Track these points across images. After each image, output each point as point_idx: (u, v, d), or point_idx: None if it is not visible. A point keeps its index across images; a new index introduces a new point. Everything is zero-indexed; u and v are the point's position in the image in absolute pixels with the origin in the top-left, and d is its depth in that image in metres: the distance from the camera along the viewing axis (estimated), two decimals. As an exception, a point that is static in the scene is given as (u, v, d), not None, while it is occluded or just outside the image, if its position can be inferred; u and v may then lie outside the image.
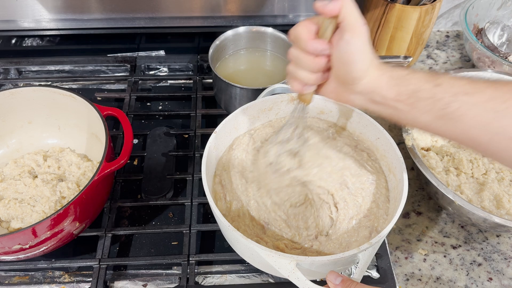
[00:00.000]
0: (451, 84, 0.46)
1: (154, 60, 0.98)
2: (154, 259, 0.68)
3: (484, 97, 0.44)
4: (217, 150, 0.67)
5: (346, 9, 0.47)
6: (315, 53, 0.50)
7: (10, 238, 0.56)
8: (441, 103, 0.46)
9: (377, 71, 0.50)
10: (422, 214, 0.76)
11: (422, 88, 0.47)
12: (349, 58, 0.49)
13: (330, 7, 0.46)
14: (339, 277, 0.49)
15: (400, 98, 0.49)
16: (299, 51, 0.51)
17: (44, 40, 0.97)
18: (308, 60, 0.51)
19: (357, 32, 0.47)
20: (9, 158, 0.76)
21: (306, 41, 0.49)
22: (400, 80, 0.49)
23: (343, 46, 0.48)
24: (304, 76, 0.52)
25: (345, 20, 0.47)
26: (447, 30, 1.10)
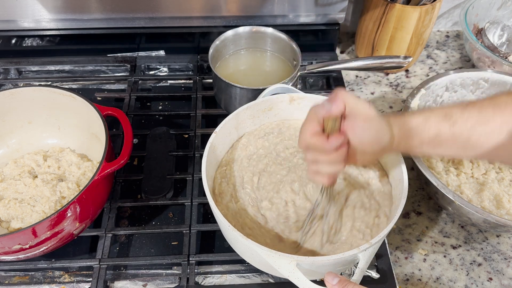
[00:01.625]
0: (465, 119, 0.51)
1: (154, 60, 0.98)
2: (154, 259, 0.68)
3: (496, 124, 0.50)
4: (217, 150, 0.67)
5: (349, 104, 0.49)
6: (336, 149, 0.51)
7: (10, 238, 0.56)
8: (462, 138, 0.51)
9: (396, 127, 0.53)
10: (422, 214, 0.76)
11: (441, 131, 0.51)
12: (373, 139, 0.51)
13: (335, 109, 0.48)
14: (336, 278, 0.49)
15: (424, 144, 0.53)
16: (317, 154, 0.52)
17: (44, 40, 0.97)
18: (330, 157, 0.52)
19: (369, 117, 0.50)
20: (9, 158, 0.76)
21: (323, 146, 0.50)
22: (419, 129, 0.52)
23: (364, 133, 0.50)
24: (332, 170, 0.54)
25: (352, 111, 0.49)
26: (447, 30, 1.10)
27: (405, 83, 0.98)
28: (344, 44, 1.07)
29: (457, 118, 0.51)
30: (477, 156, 0.53)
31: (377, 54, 0.95)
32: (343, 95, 0.48)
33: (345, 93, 0.49)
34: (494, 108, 0.50)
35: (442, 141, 0.52)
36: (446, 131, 0.51)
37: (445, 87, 0.80)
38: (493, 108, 0.50)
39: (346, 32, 1.09)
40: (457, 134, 0.51)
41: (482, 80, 0.80)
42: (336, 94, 0.49)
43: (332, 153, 0.51)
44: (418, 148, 0.54)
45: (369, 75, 1.00)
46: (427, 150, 0.54)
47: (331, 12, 0.94)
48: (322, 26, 0.97)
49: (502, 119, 0.49)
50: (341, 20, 0.96)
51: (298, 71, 0.82)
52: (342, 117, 0.50)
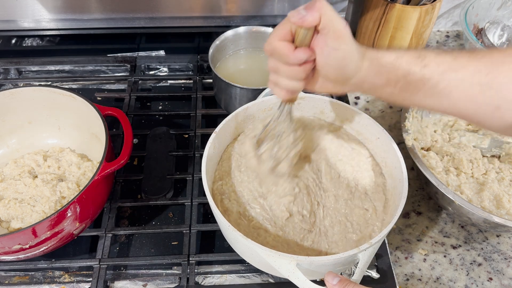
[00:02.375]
0: (437, 62, 0.47)
1: (154, 60, 0.98)
2: (154, 259, 0.68)
3: (469, 72, 0.46)
4: (217, 150, 0.67)
5: (326, 16, 0.45)
6: (300, 63, 0.48)
7: (10, 238, 0.56)
8: (430, 83, 0.47)
9: (366, 61, 0.49)
10: (422, 214, 0.76)
11: (411, 71, 0.48)
12: (340, 63, 0.48)
13: (309, 18, 0.44)
14: (336, 278, 0.49)
15: (390, 83, 0.49)
16: (280, 64, 0.49)
17: (44, 40, 0.97)
18: (292, 70, 0.49)
19: (342, 37, 0.46)
20: (9, 158, 0.76)
21: (288, 55, 0.47)
22: (389, 66, 0.49)
23: (332, 53, 0.47)
24: (290, 85, 0.51)
25: (327, 27, 0.45)
26: (447, 30, 1.10)
27: (405, 83, 0.98)
28: (344, 44, 1.07)
29: (430, 61, 0.47)
30: (442, 107, 0.49)
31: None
32: (321, 5, 0.44)
33: (325, 4, 0.45)
34: (469, 56, 0.47)
35: (409, 82, 0.48)
36: (416, 72, 0.48)
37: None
38: (468, 57, 0.47)
39: (346, 32, 1.09)
40: (427, 77, 0.47)
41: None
42: (315, 3, 0.45)
43: (294, 66, 0.48)
44: (383, 88, 0.50)
45: (369, 75, 1.00)
46: (391, 91, 0.50)
47: (331, 12, 0.94)
48: (322, 26, 0.96)
49: (476, 68, 0.46)
50: (341, 20, 0.96)
51: (298, 71, 0.82)
52: (315, 31, 0.46)
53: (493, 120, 0.47)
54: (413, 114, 0.76)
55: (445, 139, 0.80)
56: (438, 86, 0.47)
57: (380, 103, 0.94)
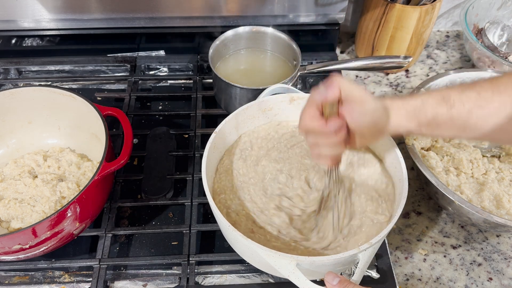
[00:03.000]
0: (462, 102, 0.50)
1: (154, 60, 0.98)
2: (154, 259, 0.68)
3: (495, 106, 0.49)
4: (217, 150, 0.67)
5: (344, 88, 0.50)
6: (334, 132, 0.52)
7: (10, 238, 0.56)
8: (460, 121, 0.51)
9: (394, 111, 0.53)
10: (422, 214, 0.76)
11: (439, 114, 0.51)
12: (370, 122, 0.52)
13: (330, 94, 0.49)
14: (336, 278, 0.49)
15: (422, 126, 0.53)
16: (317, 137, 0.54)
17: (44, 40, 0.97)
18: (331, 140, 0.53)
19: (364, 101, 0.51)
20: (9, 158, 0.76)
21: (322, 129, 0.52)
22: (417, 111, 0.53)
23: (360, 116, 0.51)
24: (332, 152, 0.55)
25: (348, 95, 0.50)
26: (447, 30, 1.10)
27: (405, 83, 0.98)
28: (344, 44, 1.07)
29: (455, 101, 0.51)
30: (476, 138, 0.53)
31: (377, 54, 0.95)
32: (338, 81, 0.50)
33: (340, 78, 0.50)
34: (493, 90, 0.49)
35: (440, 124, 0.52)
36: (443, 114, 0.51)
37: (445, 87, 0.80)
38: (492, 91, 0.49)
39: (346, 32, 1.09)
40: (455, 117, 0.51)
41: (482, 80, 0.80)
42: (331, 79, 0.50)
43: (331, 136, 0.53)
44: (417, 130, 0.54)
45: (369, 75, 1.00)
46: (426, 132, 0.54)
47: (331, 12, 0.94)
48: (322, 26, 0.97)
49: (501, 102, 0.49)
50: (341, 20, 0.96)
51: (298, 71, 0.82)
52: (339, 102, 0.51)
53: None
54: (413, 114, 0.76)
55: (445, 139, 0.80)
56: (468, 123, 0.51)
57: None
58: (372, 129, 0.53)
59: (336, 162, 0.58)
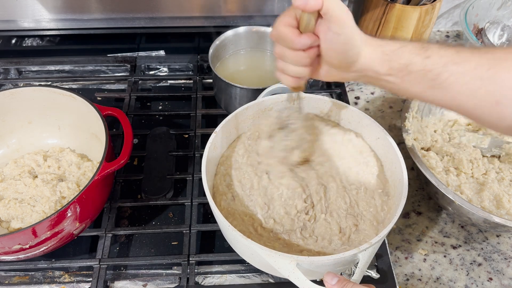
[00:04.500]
0: (440, 55, 0.48)
1: (154, 60, 0.98)
2: (154, 259, 0.68)
3: (471, 65, 0.46)
4: (217, 150, 0.67)
5: (328, 1, 0.46)
6: (304, 48, 0.49)
7: (10, 238, 0.56)
8: (432, 74, 0.48)
9: (369, 48, 0.50)
10: (422, 214, 0.76)
11: (413, 61, 0.49)
12: (342, 48, 0.49)
13: (312, 2, 0.45)
14: (335, 278, 0.49)
15: (392, 72, 0.50)
16: (286, 49, 0.50)
17: (44, 40, 0.97)
18: (298, 56, 0.50)
19: (344, 21, 0.47)
20: (9, 158, 0.76)
21: (293, 40, 0.49)
22: (392, 54, 0.50)
23: (334, 38, 0.48)
24: (297, 71, 0.52)
25: (329, 11, 0.46)
26: (447, 30, 1.10)
27: (405, 83, 0.98)
28: (344, 44, 1.07)
29: (433, 53, 0.48)
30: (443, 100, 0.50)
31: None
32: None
33: None
34: (472, 51, 0.47)
35: (411, 72, 0.49)
36: (418, 62, 0.48)
37: None
38: (471, 51, 0.47)
39: (346, 32, 1.09)
40: (428, 68, 0.48)
41: (482, 80, 0.80)
42: None
43: (299, 51, 0.50)
44: (386, 76, 0.51)
45: (369, 75, 1.00)
46: (394, 80, 0.51)
47: (331, 12, 0.94)
48: (322, 26, 0.96)
49: (478, 62, 0.46)
50: (341, 20, 0.96)
51: (298, 71, 0.82)
52: (318, 17, 0.48)
53: (492, 116, 0.47)
54: (413, 114, 0.76)
55: (445, 139, 0.80)
56: (439, 78, 0.48)
57: (380, 103, 0.94)
58: (341, 57, 0.50)
59: (298, 86, 0.55)
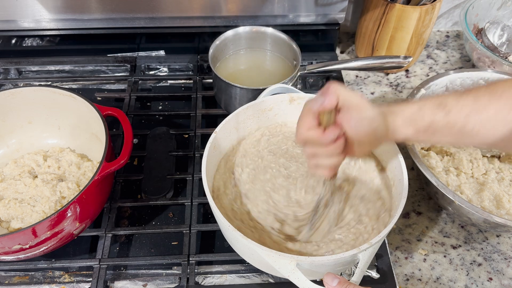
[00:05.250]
0: (459, 107, 0.50)
1: (154, 60, 0.98)
2: (154, 259, 0.68)
3: (492, 112, 0.49)
4: (217, 150, 0.67)
5: (342, 95, 0.49)
6: (333, 142, 0.51)
7: (10, 238, 0.56)
8: (457, 127, 0.50)
9: (391, 117, 0.53)
10: (422, 214, 0.76)
11: (435, 120, 0.51)
12: (369, 129, 0.51)
13: (328, 102, 0.49)
14: (336, 279, 0.49)
15: (419, 133, 0.53)
16: (315, 147, 0.53)
17: (44, 40, 0.97)
18: (328, 149, 0.53)
19: (363, 107, 0.50)
20: (9, 158, 0.76)
21: (320, 139, 0.51)
22: (414, 118, 0.52)
23: (358, 123, 0.51)
24: (331, 162, 0.55)
25: (346, 103, 0.50)
26: (447, 30, 1.10)
27: (405, 83, 0.98)
28: (344, 44, 1.07)
29: (452, 107, 0.50)
30: (475, 144, 0.52)
31: (377, 54, 0.95)
32: (335, 88, 0.49)
33: (337, 85, 0.49)
34: (490, 96, 0.49)
35: (437, 130, 0.51)
36: (440, 120, 0.51)
37: (445, 87, 0.80)
38: (488, 96, 0.49)
39: (346, 32, 1.09)
40: (452, 123, 0.50)
41: (482, 80, 0.80)
42: (328, 87, 0.49)
43: (329, 146, 0.52)
44: (414, 136, 0.54)
45: (369, 75, 1.00)
46: (423, 138, 0.54)
47: (331, 12, 0.94)
48: (322, 26, 0.97)
49: (497, 108, 0.48)
50: (341, 20, 0.96)
51: (298, 71, 0.82)
52: (336, 110, 0.50)
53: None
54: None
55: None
56: (465, 129, 0.50)
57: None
58: (370, 136, 0.52)
59: (334, 172, 0.57)
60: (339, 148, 0.53)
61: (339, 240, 0.60)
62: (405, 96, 0.95)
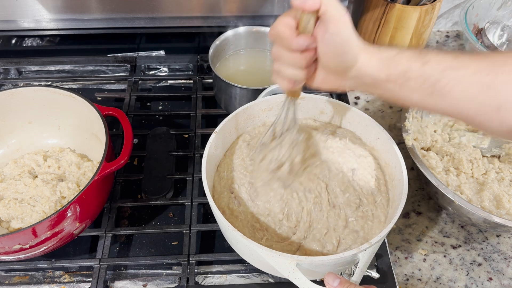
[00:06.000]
0: (438, 60, 0.47)
1: (154, 60, 0.98)
2: (154, 259, 0.68)
3: (470, 71, 0.45)
4: (217, 150, 0.67)
5: (326, 2, 0.46)
6: (301, 49, 0.49)
7: (10, 238, 0.56)
8: (430, 80, 0.47)
9: (366, 54, 0.50)
10: (422, 214, 0.76)
11: (411, 67, 0.48)
12: (338, 50, 0.48)
13: (310, 2, 0.45)
14: (337, 279, 0.49)
15: (391, 79, 0.49)
16: (283, 50, 0.50)
17: (44, 40, 0.97)
18: (294, 57, 0.49)
19: (341, 23, 0.47)
20: (9, 158, 0.76)
21: (290, 39, 0.48)
22: (390, 61, 0.49)
23: (331, 39, 0.47)
24: (292, 74, 0.51)
25: (327, 12, 0.46)
26: (447, 30, 1.10)
27: (405, 83, 0.98)
28: (344, 44, 1.07)
29: (431, 59, 0.47)
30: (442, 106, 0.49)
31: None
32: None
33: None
34: (471, 56, 0.46)
35: (409, 79, 0.48)
36: (416, 69, 0.48)
37: None
38: (469, 56, 0.46)
39: (346, 32, 1.09)
40: (427, 75, 0.47)
41: (482, 80, 0.80)
42: None
43: (296, 53, 0.49)
44: (384, 83, 0.50)
45: (369, 75, 1.00)
46: (392, 87, 0.50)
47: (331, 12, 0.94)
48: (322, 26, 0.97)
49: (477, 67, 0.45)
50: (341, 20, 0.96)
51: (298, 71, 0.82)
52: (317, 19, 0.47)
53: (493, 122, 0.46)
54: (413, 114, 0.76)
55: (445, 139, 0.80)
56: (438, 84, 0.47)
57: (380, 103, 0.94)
58: (338, 60, 0.49)
59: (294, 92, 0.54)
60: (305, 60, 0.49)
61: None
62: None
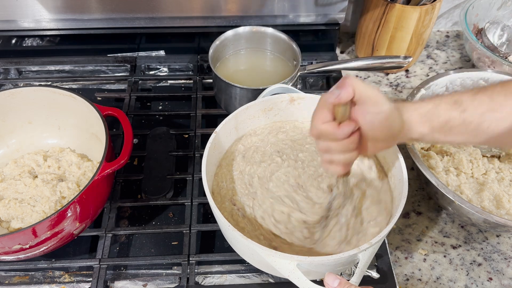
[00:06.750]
0: (475, 106, 0.51)
1: (154, 60, 0.98)
2: (154, 259, 0.68)
3: (507, 110, 0.49)
4: (217, 150, 0.67)
5: (358, 88, 0.48)
6: (347, 136, 0.51)
7: (10, 238, 0.56)
8: (472, 125, 0.51)
9: (406, 114, 0.52)
10: (422, 214, 0.76)
11: (451, 117, 0.51)
12: (384, 124, 0.51)
13: (344, 95, 0.47)
14: (336, 280, 0.49)
15: (434, 131, 0.53)
16: (329, 142, 0.52)
17: (44, 40, 0.97)
18: (343, 145, 0.52)
19: (379, 101, 0.49)
20: (9, 158, 0.76)
21: (334, 133, 0.50)
22: (429, 115, 0.52)
23: (375, 118, 0.50)
24: (345, 158, 0.54)
25: (362, 96, 0.48)
26: (447, 30, 1.10)
27: (405, 83, 0.98)
28: (344, 44, 1.07)
29: (468, 105, 0.51)
30: (488, 142, 0.53)
31: (377, 54, 0.95)
32: (351, 81, 0.48)
33: (354, 78, 0.48)
34: (505, 94, 0.50)
35: (452, 128, 0.51)
36: (456, 118, 0.51)
37: (445, 87, 0.80)
38: (504, 95, 0.50)
39: (346, 32, 1.09)
40: (468, 121, 0.51)
41: (482, 80, 0.80)
42: (344, 80, 0.48)
43: (344, 141, 0.51)
44: (429, 135, 0.53)
45: (369, 75, 1.00)
46: (438, 137, 0.53)
47: (331, 12, 0.94)
48: (322, 26, 0.97)
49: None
50: (341, 20, 0.96)
51: (298, 71, 0.82)
52: (352, 104, 0.49)
53: None
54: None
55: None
56: (480, 127, 0.51)
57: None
58: (385, 132, 0.52)
59: (347, 170, 0.56)
60: (354, 143, 0.52)
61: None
62: (405, 96, 0.95)
